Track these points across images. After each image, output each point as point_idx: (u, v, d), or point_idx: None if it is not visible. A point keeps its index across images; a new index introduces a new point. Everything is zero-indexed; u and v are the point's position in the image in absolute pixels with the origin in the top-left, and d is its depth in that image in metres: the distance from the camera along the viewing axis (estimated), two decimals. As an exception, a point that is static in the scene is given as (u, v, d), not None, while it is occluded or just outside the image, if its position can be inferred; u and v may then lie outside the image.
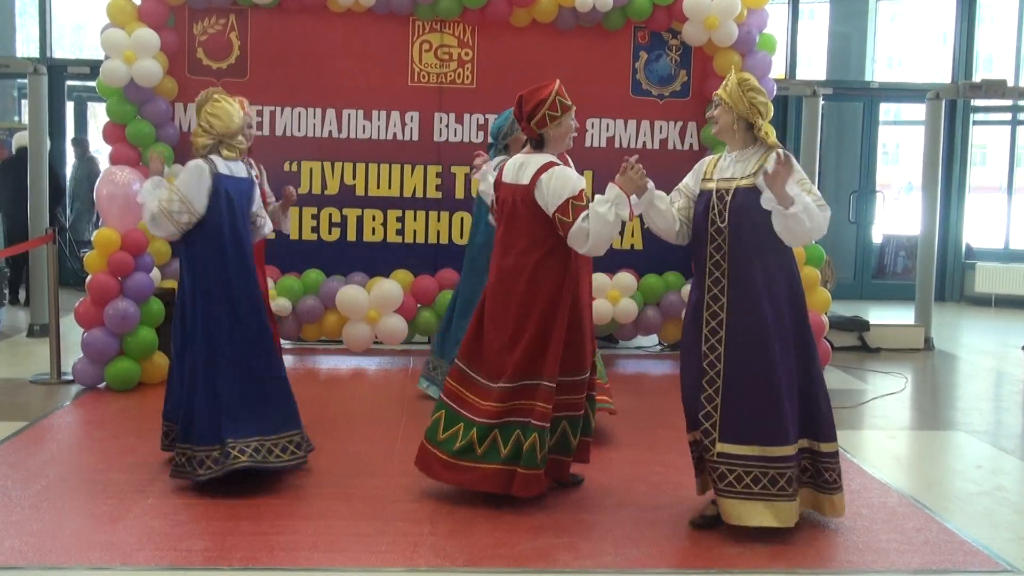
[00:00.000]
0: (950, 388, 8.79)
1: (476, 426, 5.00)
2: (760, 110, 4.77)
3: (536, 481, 4.96)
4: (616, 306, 8.80)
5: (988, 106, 14.08)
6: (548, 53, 8.83)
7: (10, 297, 11.80)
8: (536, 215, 4.97)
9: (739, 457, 4.69)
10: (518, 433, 4.95)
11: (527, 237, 5.02)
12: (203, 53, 8.74)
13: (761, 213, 4.66)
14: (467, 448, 4.99)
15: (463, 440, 5.00)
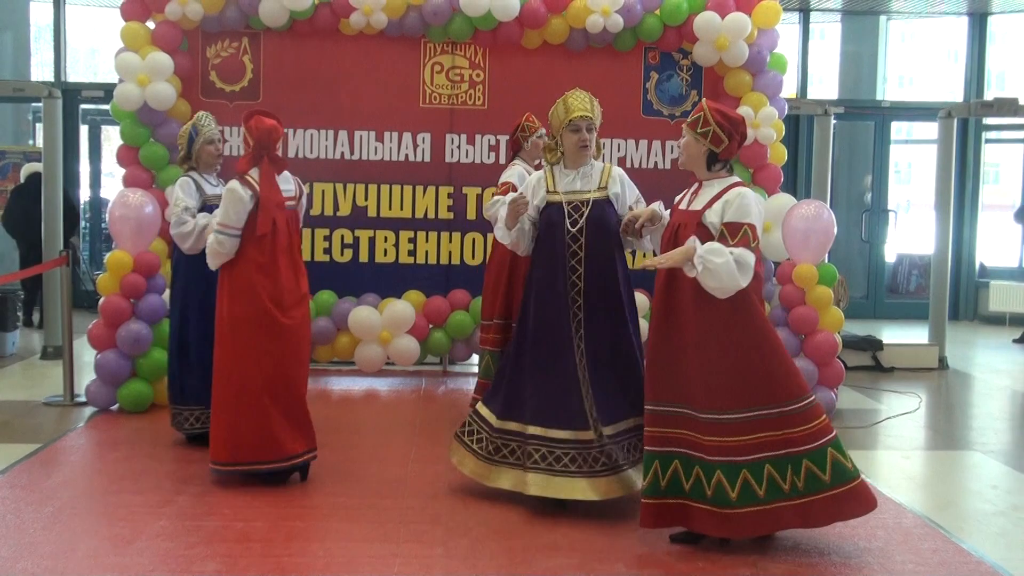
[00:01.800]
0: (965, 407, 8.74)
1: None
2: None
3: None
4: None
5: (1000, 124, 14.07)
6: (559, 74, 8.84)
7: (24, 319, 11.84)
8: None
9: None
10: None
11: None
12: (216, 76, 8.79)
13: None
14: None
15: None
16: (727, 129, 4.78)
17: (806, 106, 10.92)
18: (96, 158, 13.94)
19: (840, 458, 4.73)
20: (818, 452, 4.70)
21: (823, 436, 4.74)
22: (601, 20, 8.50)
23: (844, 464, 4.74)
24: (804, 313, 7.66)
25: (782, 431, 4.68)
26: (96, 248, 14.00)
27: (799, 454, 4.68)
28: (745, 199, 4.72)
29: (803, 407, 4.72)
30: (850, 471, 4.75)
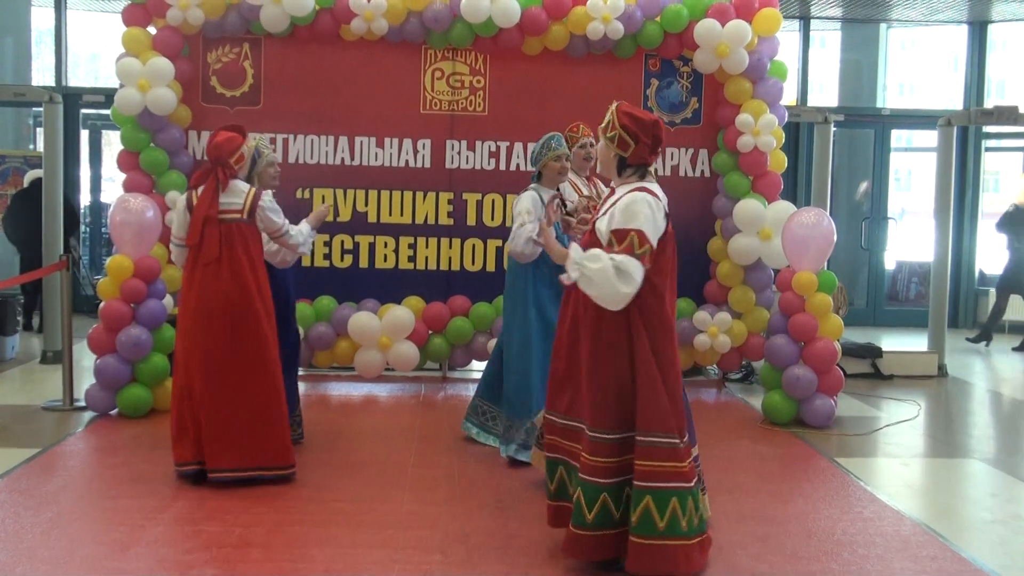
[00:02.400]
0: (964, 415, 8.74)
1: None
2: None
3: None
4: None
5: (1000, 132, 14.07)
6: (560, 81, 8.87)
7: (24, 323, 11.85)
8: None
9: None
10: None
11: None
12: (217, 81, 8.80)
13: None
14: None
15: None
16: (632, 132, 4.55)
17: (806, 114, 10.94)
18: (97, 163, 13.96)
19: (678, 511, 4.38)
20: (663, 494, 4.38)
21: (675, 480, 4.40)
22: (602, 27, 8.51)
23: (679, 520, 4.38)
24: (804, 320, 7.66)
25: (647, 462, 4.38)
26: (96, 253, 14.00)
27: (645, 489, 4.36)
28: (635, 204, 4.43)
29: (670, 444, 4.39)
30: (682, 529, 4.38)
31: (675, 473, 4.38)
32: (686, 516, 4.39)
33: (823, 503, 5.78)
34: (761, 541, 5.09)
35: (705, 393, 9.05)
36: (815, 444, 7.19)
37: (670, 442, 4.38)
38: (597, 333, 4.48)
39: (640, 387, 4.42)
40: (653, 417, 4.38)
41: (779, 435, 7.46)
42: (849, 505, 5.76)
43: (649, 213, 4.43)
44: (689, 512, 4.40)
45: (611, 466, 4.43)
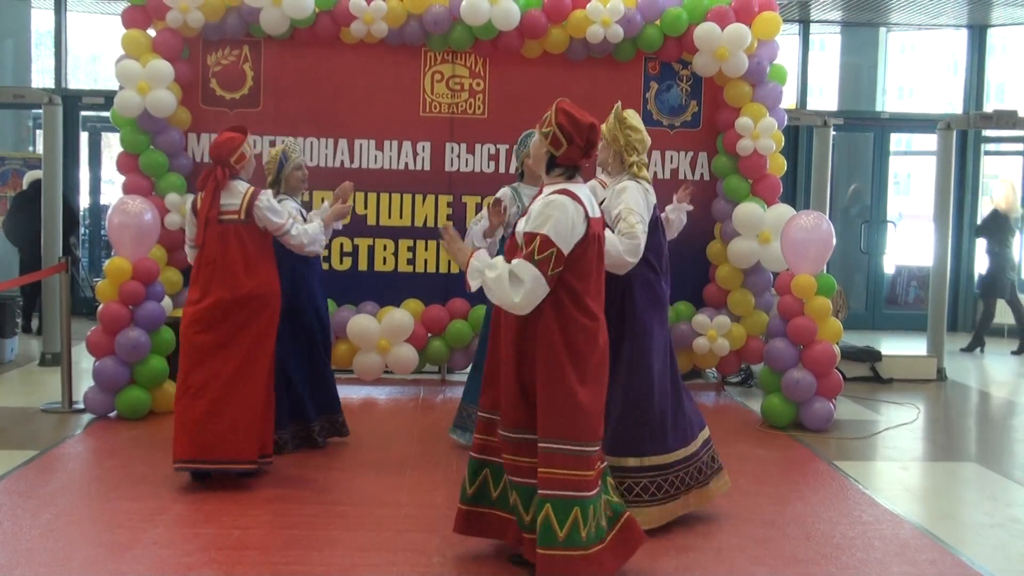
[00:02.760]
0: (963, 419, 8.74)
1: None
2: (636, 146, 5.19)
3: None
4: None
5: (999, 136, 14.07)
6: (559, 84, 8.86)
7: (23, 326, 11.84)
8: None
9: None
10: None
11: None
12: (216, 84, 8.81)
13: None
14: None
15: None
16: (567, 132, 4.38)
17: (806, 117, 10.94)
18: (96, 165, 13.96)
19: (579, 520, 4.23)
20: (564, 503, 4.24)
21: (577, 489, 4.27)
22: (601, 30, 8.52)
23: (579, 530, 4.22)
24: (803, 324, 7.66)
25: (547, 468, 4.26)
26: (95, 255, 14.00)
27: (546, 497, 4.23)
28: (548, 207, 4.27)
29: (574, 452, 4.26)
30: (581, 539, 4.22)
31: (577, 482, 4.24)
32: (586, 526, 4.23)
33: (822, 506, 5.78)
34: (760, 544, 5.09)
35: (704, 396, 9.05)
36: (814, 447, 7.19)
37: (574, 449, 4.24)
38: (514, 335, 4.41)
39: (541, 392, 4.30)
40: (554, 423, 4.25)
41: (778, 438, 7.46)
42: (848, 509, 5.76)
43: (562, 218, 4.25)
44: (589, 521, 4.25)
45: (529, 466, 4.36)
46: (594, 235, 4.38)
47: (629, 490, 5.10)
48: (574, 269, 4.30)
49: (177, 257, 8.56)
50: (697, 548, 5.00)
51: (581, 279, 4.34)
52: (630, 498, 5.04)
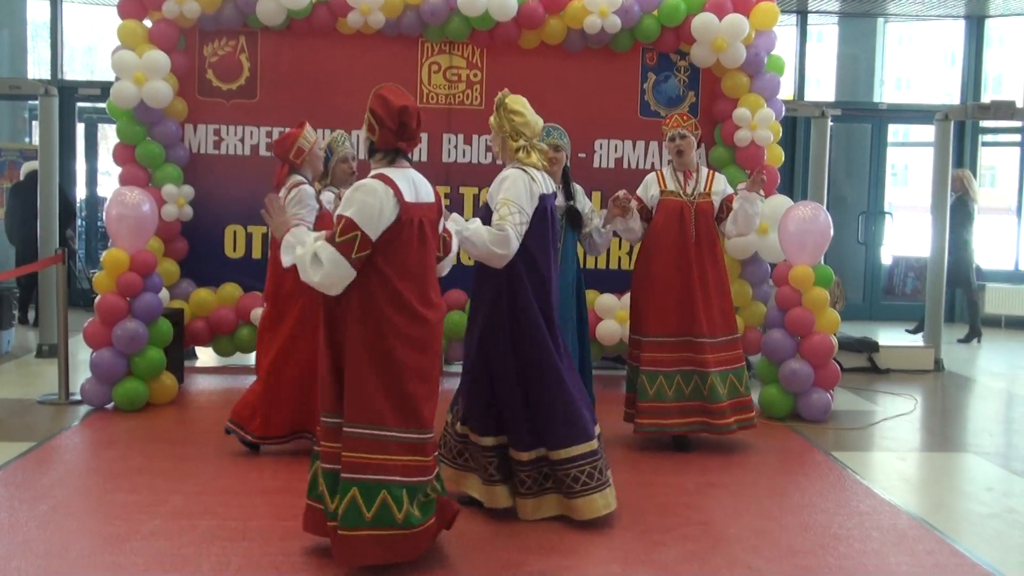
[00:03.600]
0: (960, 409, 8.74)
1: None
2: (521, 131, 5.09)
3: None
4: (625, 326, 8.78)
5: (997, 127, 14.07)
6: (557, 75, 8.85)
7: (19, 317, 11.83)
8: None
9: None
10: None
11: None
12: (213, 75, 8.78)
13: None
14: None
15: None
16: (378, 117, 4.49)
17: (803, 108, 10.93)
18: (92, 156, 13.93)
19: (389, 502, 4.29)
20: (371, 487, 4.28)
21: (386, 474, 4.32)
22: (599, 21, 8.50)
23: (391, 511, 4.29)
24: (800, 315, 7.66)
25: (352, 453, 4.30)
26: (92, 246, 13.98)
27: (352, 480, 4.29)
28: (356, 192, 4.31)
29: (377, 436, 4.30)
30: (396, 520, 4.30)
31: (383, 466, 4.27)
32: (402, 510, 4.28)
33: (819, 497, 5.79)
34: (758, 535, 5.09)
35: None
36: (811, 438, 7.19)
37: (377, 434, 4.27)
38: (325, 316, 4.45)
39: (347, 379, 4.33)
40: (356, 409, 4.29)
41: (776, 429, 7.46)
42: (846, 499, 5.77)
43: (369, 201, 4.26)
44: (405, 505, 4.29)
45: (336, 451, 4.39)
46: (411, 220, 4.36)
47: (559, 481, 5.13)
48: (385, 254, 4.30)
49: (174, 248, 8.55)
50: (695, 539, 5.00)
51: (392, 264, 4.32)
52: (577, 488, 5.07)
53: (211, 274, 8.77)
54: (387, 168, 4.47)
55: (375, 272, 4.29)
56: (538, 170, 5.17)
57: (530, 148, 5.15)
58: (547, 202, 5.19)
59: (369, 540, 4.27)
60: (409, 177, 4.46)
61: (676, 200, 6.67)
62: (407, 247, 4.35)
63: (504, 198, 4.98)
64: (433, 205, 4.56)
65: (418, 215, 4.40)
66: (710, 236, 6.67)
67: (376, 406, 4.29)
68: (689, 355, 6.58)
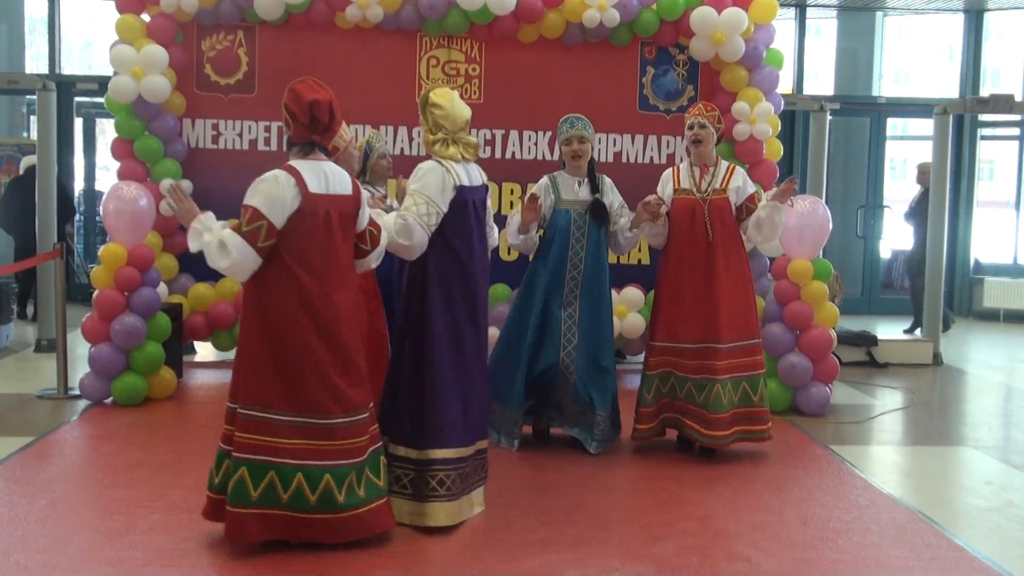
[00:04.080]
0: (959, 403, 8.75)
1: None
2: (442, 124, 5.10)
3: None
4: (624, 321, 8.78)
5: (996, 121, 14.07)
6: (555, 69, 8.85)
7: (18, 312, 11.82)
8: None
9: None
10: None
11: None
12: (211, 69, 8.77)
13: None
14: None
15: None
16: (291, 111, 4.57)
17: (802, 102, 10.92)
18: (91, 151, 13.93)
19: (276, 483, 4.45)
20: (260, 467, 4.45)
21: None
22: (597, 15, 8.49)
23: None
24: (799, 309, 7.66)
25: (243, 434, 4.45)
26: (90, 241, 13.97)
27: (241, 460, 4.44)
28: (259, 182, 4.45)
29: (269, 419, 4.46)
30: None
31: (273, 448, 4.42)
32: (288, 491, 4.43)
33: (818, 491, 5.79)
34: (756, 529, 5.09)
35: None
36: (810, 432, 7.19)
37: (269, 417, 4.41)
38: (243, 302, 4.64)
39: (241, 362, 4.52)
40: (249, 391, 4.44)
41: (774, 423, 7.43)
42: (844, 493, 5.77)
43: (271, 191, 4.40)
44: (295, 486, 4.43)
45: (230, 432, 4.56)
46: (315, 211, 4.47)
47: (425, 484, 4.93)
48: (286, 242, 4.43)
49: (173, 243, 8.54)
50: (694, 533, 5.01)
51: (292, 252, 4.44)
52: (427, 491, 4.90)
53: (209, 269, 8.66)
54: (299, 160, 4.59)
55: (276, 259, 4.44)
56: (458, 162, 5.09)
57: (451, 141, 5.10)
58: (467, 194, 5.07)
59: (255, 518, 4.44)
60: (320, 169, 4.57)
61: (688, 199, 6.32)
62: (309, 236, 4.46)
63: (413, 189, 4.96)
64: (349, 198, 4.64)
65: (324, 206, 4.50)
66: (728, 234, 6.30)
67: (268, 390, 4.44)
68: (699, 363, 6.20)
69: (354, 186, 4.71)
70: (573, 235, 6.33)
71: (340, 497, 4.48)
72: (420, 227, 4.85)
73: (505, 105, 8.86)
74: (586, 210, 6.31)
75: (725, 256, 6.27)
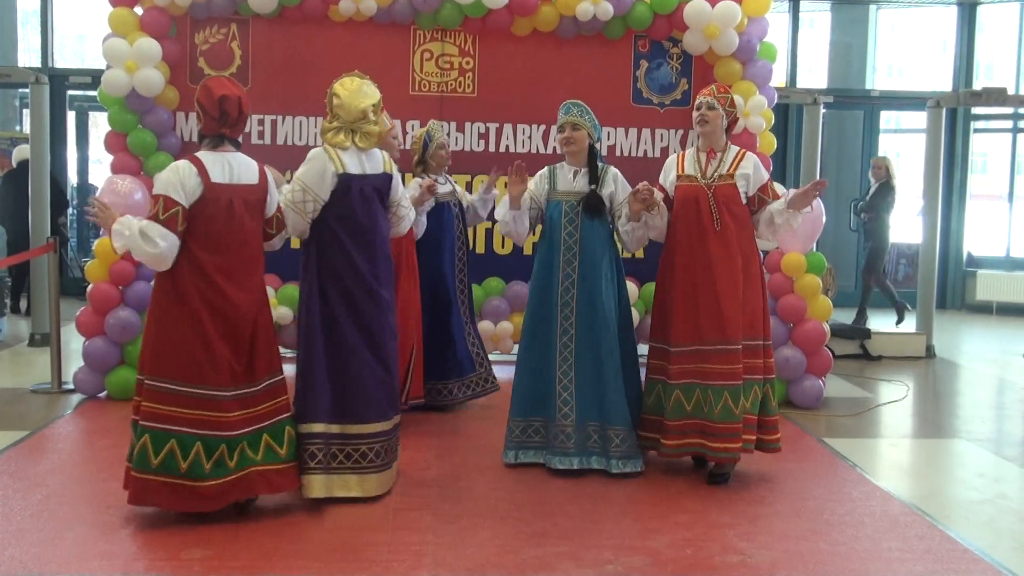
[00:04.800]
0: (952, 396, 8.78)
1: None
2: (336, 112, 5.35)
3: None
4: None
5: (988, 114, 14.11)
6: (549, 62, 8.83)
7: (11, 306, 11.81)
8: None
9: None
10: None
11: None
12: (204, 62, 8.75)
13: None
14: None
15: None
16: (201, 105, 4.91)
17: (795, 95, 10.93)
18: (84, 144, 13.90)
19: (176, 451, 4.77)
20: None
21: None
22: (591, 8, 8.48)
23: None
24: (792, 302, 7.68)
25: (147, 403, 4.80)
26: (84, 235, 13.95)
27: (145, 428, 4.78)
28: (164, 172, 4.84)
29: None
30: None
31: (174, 417, 4.76)
32: (187, 460, 4.74)
33: (812, 484, 5.81)
34: (750, 521, 5.11)
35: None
36: (804, 425, 7.21)
37: (170, 387, 4.77)
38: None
39: (148, 335, 4.89)
40: (153, 363, 4.81)
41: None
42: (838, 486, 5.79)
43: (172, 178, 4.77)
44: (193, 455, 4.75)
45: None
46: (217, 199, 4.82)
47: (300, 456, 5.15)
48: (191, 227, 4.79)
49: (166, 237, 8.51)
50: (688, 525, 5.02)
51: (195, 237, 4.81)
52: (301, 463, 5.13)
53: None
54: (207, 152, 4.92)
55: (184, 248, 4.80)
56: (346, 150, 5.27)
57: (346, 130, 5.31)
58: (352, 182, 5.25)
59: (156, 485, 4.76)
60: (226, 160, 4.90)
61: (691, 186, 5.79)
62: (210, 222, 4.81)
63: (295, 176, 5.27)
64: (254, 187, 4.98)
65: (227, 195, 4.85)
66: (738, 223, 5.72)
67: (167, 361, 4.79)
68: (696, 366, 5.66)
69: (261, 175, 5.02)
70: (564, 229, 5.86)
71: (231, 463, 4.83)
72: (293, 212, 5.17)
73: (499, 99, 8.84)
74: (579, 202, 5.89)
75: (735, 246, 5.68)
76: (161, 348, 4.79)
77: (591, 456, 5.79)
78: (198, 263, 4.79)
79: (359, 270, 5.22)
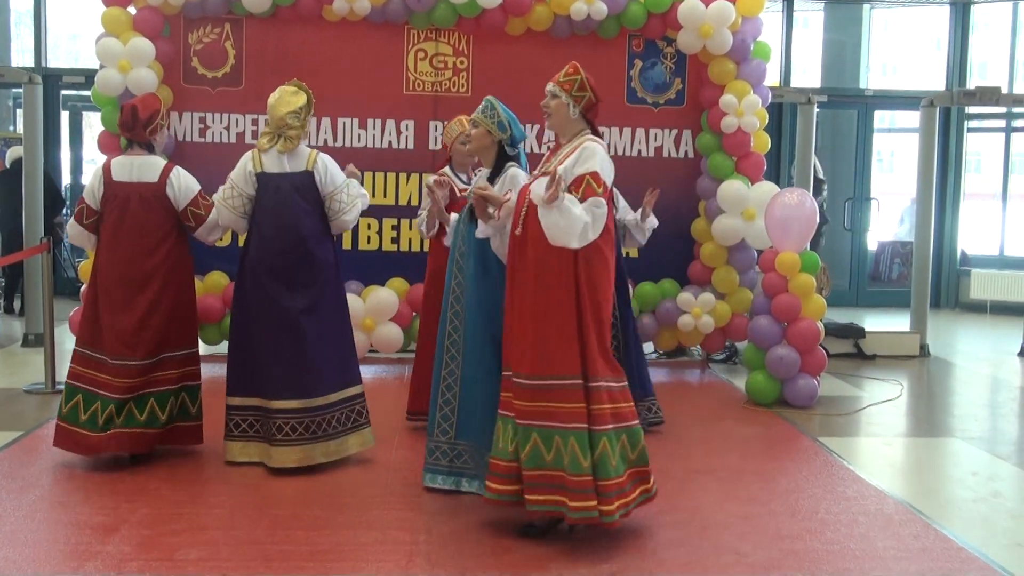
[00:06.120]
0: (946, 395, 8.79)
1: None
2: (268, 118, 5.87)
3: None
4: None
5: (982, 113, 14.11)
6: (543, 61, 8.80)
7: (5, 306, 11.79)
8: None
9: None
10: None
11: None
12: (198, 62, 8.75)
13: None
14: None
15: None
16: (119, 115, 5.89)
17: (789, 94, 10.93)
18: (77, 144, 13.87)
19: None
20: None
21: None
22: (585, 7, 8.49)
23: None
24: (786, 301, 7.68)
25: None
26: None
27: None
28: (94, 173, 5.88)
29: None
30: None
31: (85, 377, 5.77)
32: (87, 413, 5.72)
33: (806, 483, 5.81)
34: (745, 521, 5.11)
35: (689, 374, 9.08)
36: (798, 424, 7.22)
37: (85, 352, 5.83)
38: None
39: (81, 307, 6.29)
40: (78, 331, 5.99)
41: (762, 415, 7.49)
42: (832, 484, 5.79)
43: (88, 180, 5.92)
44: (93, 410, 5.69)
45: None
46: (115, 196, 5.75)
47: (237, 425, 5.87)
48: (102, 218, 5.82)
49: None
50: (682, 525, 5.02)
51: (104, 225, 5.80)
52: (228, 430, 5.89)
53: (197, 262, 8.62)
54: (121, 154, 5.89)
55: (99, 231, 5.83)
56: (265, 151, 5.76)
57: (273, 135, 5.80)
58: (271, 180, 5.74)
59: (62, 431, 5.74)
60: (130, 161, 5.79)
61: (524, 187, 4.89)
62: (110, 216, 5.77)
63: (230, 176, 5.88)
64: (151, 185, 5.76)
65: (124, 192, 5.74)
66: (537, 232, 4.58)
67: (85, 330, 5.84)
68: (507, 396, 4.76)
69: (161, 175, 5.77)
70: (457, 246, 5.40)
71: (118, 420, 5.67)
72: (223, 208, 5.82)
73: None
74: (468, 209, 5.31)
75: (534, 260, 4.59)
76: (85, 317, 5.86)
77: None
78: (105, 245, 5.78)
79: (272, 263, 5.70)
